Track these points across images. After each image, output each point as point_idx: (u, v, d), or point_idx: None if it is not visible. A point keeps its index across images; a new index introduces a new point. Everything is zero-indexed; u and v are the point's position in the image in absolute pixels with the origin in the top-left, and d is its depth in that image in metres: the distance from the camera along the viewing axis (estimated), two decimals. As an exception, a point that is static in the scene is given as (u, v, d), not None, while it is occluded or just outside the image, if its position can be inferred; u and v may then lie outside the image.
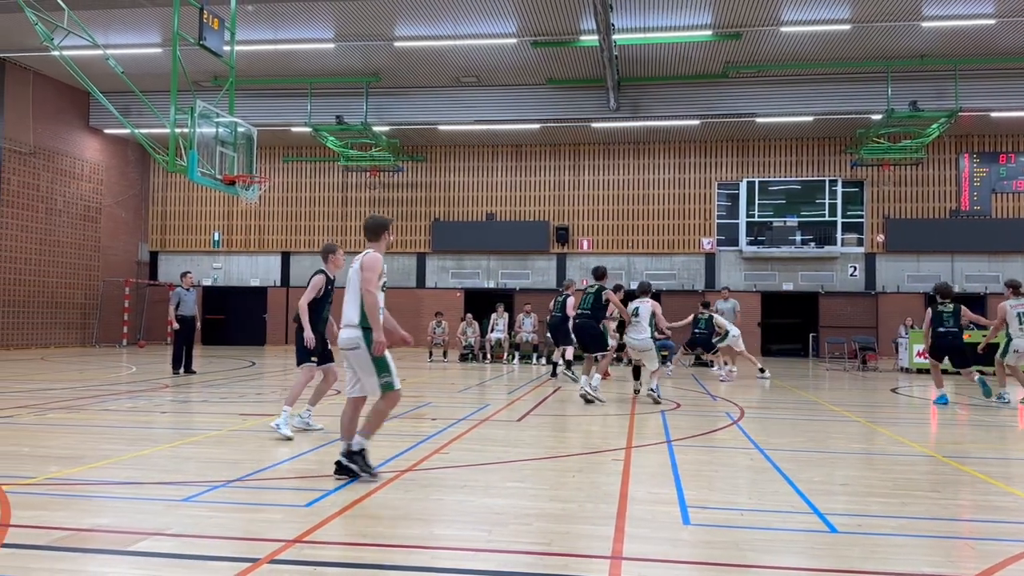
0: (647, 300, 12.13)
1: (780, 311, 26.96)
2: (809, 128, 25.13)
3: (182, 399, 11.49)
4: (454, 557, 4.04)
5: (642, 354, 11.95)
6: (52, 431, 8.08)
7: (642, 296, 12.25)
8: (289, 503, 5.19)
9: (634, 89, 23.53)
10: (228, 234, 29.37)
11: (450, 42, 20.76)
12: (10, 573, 3.68)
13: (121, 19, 19.55)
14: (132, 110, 23.26)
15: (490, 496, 5.41)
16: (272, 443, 7.69)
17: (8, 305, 23.24)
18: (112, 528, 4.48)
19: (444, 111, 24.73)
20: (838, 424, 9.68)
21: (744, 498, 5.47)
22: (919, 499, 5.51)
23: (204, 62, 19.08)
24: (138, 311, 28.22)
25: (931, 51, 20.87)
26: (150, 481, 5.71)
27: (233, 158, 16.10)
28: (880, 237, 26.04)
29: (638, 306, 12.05)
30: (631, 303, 12.21)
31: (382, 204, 28.45)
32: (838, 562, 4.05)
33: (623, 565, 3.93)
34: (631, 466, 6.49)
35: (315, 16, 19.49)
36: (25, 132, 23.69)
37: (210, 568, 3.82)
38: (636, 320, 11.99)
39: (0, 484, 5.46)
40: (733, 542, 4.36)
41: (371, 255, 5.88)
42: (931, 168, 25.90)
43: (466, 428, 8.55)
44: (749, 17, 18.94)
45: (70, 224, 25.59)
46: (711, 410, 10.67)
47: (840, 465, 6.89)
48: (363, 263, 5.83)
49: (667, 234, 27.06)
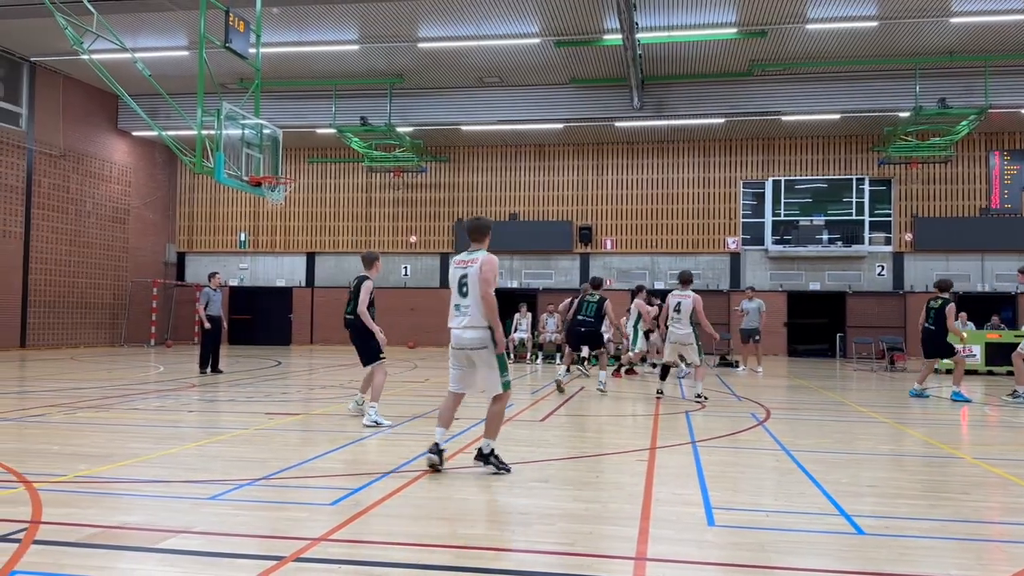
0: (689, 295, 11.78)
1: (807, 311, 26.71)
2: (836, 126, 24.88)
3: (209, 398, 11.61)
4: (478, 556, 4.05)
5: (684, 348, 11.75)
6: (82, 430, 8.19)
7: (683, 287, 11.92)
8: (314, 501, 5.23)
9: (658, 88, 23.42)
10: (254, 235, 29.63)
11: (473, 42, 20.78)
12: (42, 569, 3.74)
13: (149, 22, 19.79)
14: (159, 112, 23.53)
15: (514, 496, 5.41)
16: (298, 442, 7.75)
17: (39, 305, 23.61)
18: (140, 525, 4.53)
19: (467, 111, 24.77)
20: (865, 425, 9.57)
21: (770, 499, 5.43)
22: (948, 501, 5.43)
23: (230, 64, 19.26)
24: (166, 311, 28.54)
25: (960, 47, 20.57)
26: (177, 479, 5.78)
27: (259, 159, 16.24)
28: (908, 236, 25.72)
29: (680, 301, 11.76)
30: (671, 298, 11.92)
31: (405, 204, 28.57)
32: (865, 564, 4.00)
33: (647, 566, 3.92)
34: (655, 467, 6.47)
35: (339, 18, 19.60)
36: (55, 135, 24.05)
37: (236, 566, 3.86)
38: (677, 316, 11.73)
39: (32, 482, 5.55)
40: (758, 544, 4.33)
41: (489, 257, 6.06)
42: (960, 166, 25.54)
43: (490, 428, 8.54)
44: (774, 15, 18.78)
45: (99, 225, 25.95)
46: (736, 411, 10.60)
47: (867, 466, 6.81)
48: (483, 264, 5.97)
49: (691, 233, 26.91)
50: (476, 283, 5.96)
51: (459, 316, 6.05)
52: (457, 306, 6.09)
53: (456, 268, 6.12)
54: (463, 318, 6.01)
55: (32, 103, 23.33)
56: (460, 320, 6.03)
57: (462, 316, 6.03)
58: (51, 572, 3.71)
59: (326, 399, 11.17)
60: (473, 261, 6.03)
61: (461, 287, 6.06)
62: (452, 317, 6.11)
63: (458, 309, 6.08)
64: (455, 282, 6.10)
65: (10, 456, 6.48)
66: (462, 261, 6.13)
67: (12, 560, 3.82)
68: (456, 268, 6.12)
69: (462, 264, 6.11)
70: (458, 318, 6.05)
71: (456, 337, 6.06)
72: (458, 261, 6.17)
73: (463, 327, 6.00)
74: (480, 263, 5.96)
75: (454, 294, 6.12)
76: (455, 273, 6.11)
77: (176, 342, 28.14)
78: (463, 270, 6.06)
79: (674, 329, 11.80)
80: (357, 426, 8.61)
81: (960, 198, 25.63)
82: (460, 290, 6.06)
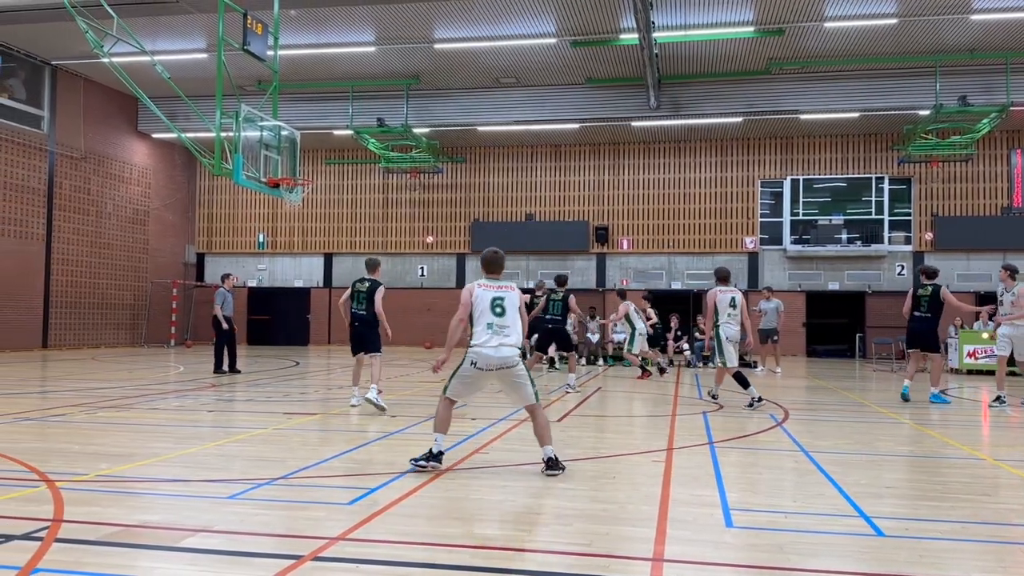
0: (736, 289, 11.20)
1: (826, 311, 26.52)
2: (854, 124, 24.69)
3: (228, 398, 11.69)
4: (494, 556, 4.05)
5: (739, 345, 11.13)
6: (103, 429, 8.27)
7: (725, 283, 11.16)
8: (332, 501, 5.26)
9: (674, 87, 23.34)
10: (272, 236, 29.79)
11: (489, 43, 20.80)
12: (64, 567, 3.78)
13: (168, 25, 19.95)
14: (179, 115, 23.72)
15: (530, 496, 5.42)
16: (316, 441, 7.80)
17: (60, 306, 23.87)
18: (160, 524, 4.58)
19: (483, 112, 24.80)
20: (885, 426, 9.50)
21: (788, 501, 5.40)
22: (969, 503, 5.38)
23: (248, 67, 19.36)
24: (185, 312, 28.76)
25: (981, 44, 20.35)
26: (197, 479, 5.83)
27: (277, 161, 16.33)
28: (929, 235, 25.48)
29: (735, 296, 10.98)
30: (721, 294, 10.99)
31: (422, 205, 28.64)
32: (885, 566, 3.97)
33: (664, 567, 3.91)
34: (672, 467, 6.45)
35: (356, 20, 19.68)
36: (76, 137, 24.31)
37: (255, 564, 3.89)
38: (734, 312, 10.93)
39: (54, 480, 5.61)
40: (777, 545, 4.31)
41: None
42: (981, 164, 25.26)
43: (506, 428, 8.57)
44: (792, 13, 18.66)
45: (119, 227, 26.19)
46: (755, 412, 10.53)
47: (887, 468, 6.76)
48: (519, 294, 6.48)
49: (708, 233, 26.79)
50: (516, 306, 6.38)
51: (496, 335, 6.18)
52: (490, 325, 6.20)
53: (487, 291, 6.33)
54: (503, 337, 6.19)
55: (54, 106, 23.59)
56: (498, 339, 6.17)
57: (501, 336, 6.19)
58: (73, 570, 3.75)
59: (343, 399, 11.21)
60: (509, 288, 6.43)
61: (496, 308, 6.26)
62: (481, 335, 6.19)
63: (491, 328, 6.20)
64: (487, 304, 6.27)
65: (33, 455, 6.56)
66: (494, 286, 6.39)
67: (35, 558, 3.87)
68: (487, 291, 6.33)
69: (495, 288, 6.37)
70: (496, 337, 6.18)
71: (489, 356, 6.14)
72: (487, 285, 6.38)
73: (501, 345, 6.16)
74: (516, 291, 6.43)
75: (486, 315, 6.23)
76: (486, 296, 6.30)
77: (196, 342, 28.34)
78: (500, 293, 6.35)
79: (732, 326, 10.93)
80: (374, 426, 8.65)
81: (981, 197, 25.36)
82: (495, 311, 6.25)
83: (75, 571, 3.74)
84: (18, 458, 6.37)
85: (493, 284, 6.39)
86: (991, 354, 16.92)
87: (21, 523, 4.52)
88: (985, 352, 17.85)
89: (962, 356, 18.48)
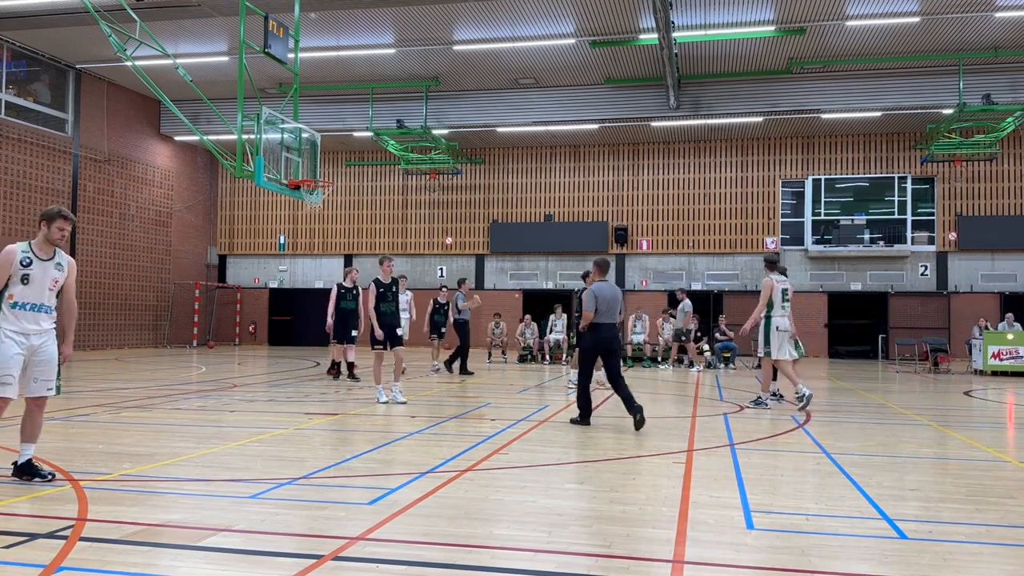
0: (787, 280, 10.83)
1: (848, 312, 26.29)
2: (877, 124, 24.46)
3: (249, 399, 11.76)
4: (514, 557, 4.05)
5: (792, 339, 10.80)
6: (126, 429, 8.36)
7: (772, 271, 10.85)
8: (353, 501, 5.27)
9: (694, 87, 23.23)
10: (293, 237, 29.98)
11: (508, 44, 20.82)
12: (88, 566, 3.82)
13: (189, 29, 20.13)
14: (200, 117, 23.93)
15: (550, 497, 5.40)
16: (336, 442, 7.83)
17: (85, 308, 24.11)
18: (182, 524, 4.61)
19: (502, 113, 24.81)
20: (909, 428, 9.40)
21: (810, 503, 5.35)
22: (994, 505, 5.31)
23: (269, 69, 19.54)
24: (207, 313, 29.01)
25: (1005, 42, 20.09)
26: (219, 478, 5.87)
27: (298, 163, 16.41)
28: (952, 235, 25.20)
29: (786, 287, 10.69)
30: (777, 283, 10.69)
31: (441, 206, 28.70)
32: (908, 570, 3.93)
33: (685, 569, 3.89)
34: (693, 469, 6.42)
35: (376, 22, 19.76)
36: (100, 140, 24.58)
37: (276, 564, 3.91)
38: (787, 303, 10.54)
39: (78, 480, 5.67)
40: (799, 548, 4.28)
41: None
42: (1006, 163, 24.95)
43: (525, 429, 8.56)
44: (813, 12, 18.52)
45: (142, 229, 26.45)
46: (776, 413, 10.46)
47: (911, 470, 6.68)
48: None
49: (729, 233, 26.64)
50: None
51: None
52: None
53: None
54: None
55: (78, 109, 23.86)
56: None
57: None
58: (97, 568, 3.79)
59: (364, 399, 11.26)
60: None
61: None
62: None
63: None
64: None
65: (57, 455, 6.64)
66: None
67: (60, 556, 3.91)
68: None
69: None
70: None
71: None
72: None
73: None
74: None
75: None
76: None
77: (218, 343, 28.56)
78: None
79: (784, 321, 10.55)
80: (394, 426, 8.68)
81: (1006, 196, 25.04)
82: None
83: (99, 569, 3.78)
84: (43, 458, 6.44)
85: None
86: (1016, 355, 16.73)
87: (46, 522, 4.58)
88: (1010, 353, 17.62)
89: (987, 357, 18.24)
